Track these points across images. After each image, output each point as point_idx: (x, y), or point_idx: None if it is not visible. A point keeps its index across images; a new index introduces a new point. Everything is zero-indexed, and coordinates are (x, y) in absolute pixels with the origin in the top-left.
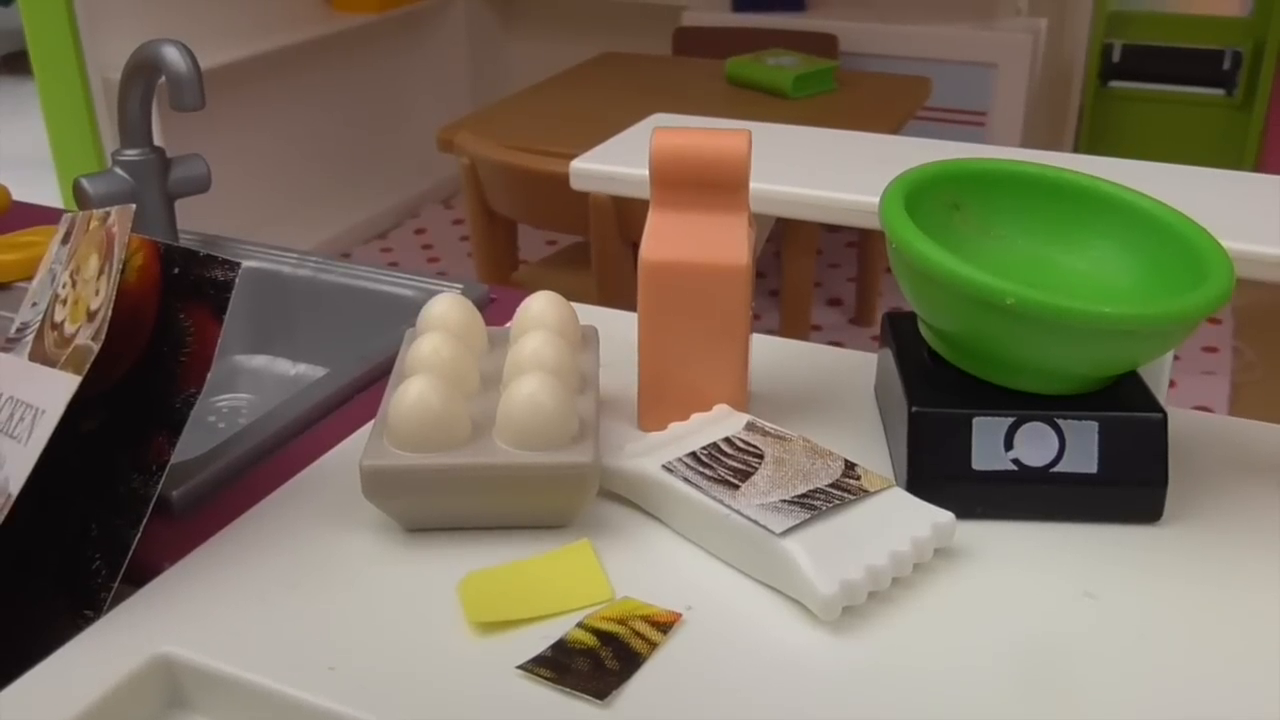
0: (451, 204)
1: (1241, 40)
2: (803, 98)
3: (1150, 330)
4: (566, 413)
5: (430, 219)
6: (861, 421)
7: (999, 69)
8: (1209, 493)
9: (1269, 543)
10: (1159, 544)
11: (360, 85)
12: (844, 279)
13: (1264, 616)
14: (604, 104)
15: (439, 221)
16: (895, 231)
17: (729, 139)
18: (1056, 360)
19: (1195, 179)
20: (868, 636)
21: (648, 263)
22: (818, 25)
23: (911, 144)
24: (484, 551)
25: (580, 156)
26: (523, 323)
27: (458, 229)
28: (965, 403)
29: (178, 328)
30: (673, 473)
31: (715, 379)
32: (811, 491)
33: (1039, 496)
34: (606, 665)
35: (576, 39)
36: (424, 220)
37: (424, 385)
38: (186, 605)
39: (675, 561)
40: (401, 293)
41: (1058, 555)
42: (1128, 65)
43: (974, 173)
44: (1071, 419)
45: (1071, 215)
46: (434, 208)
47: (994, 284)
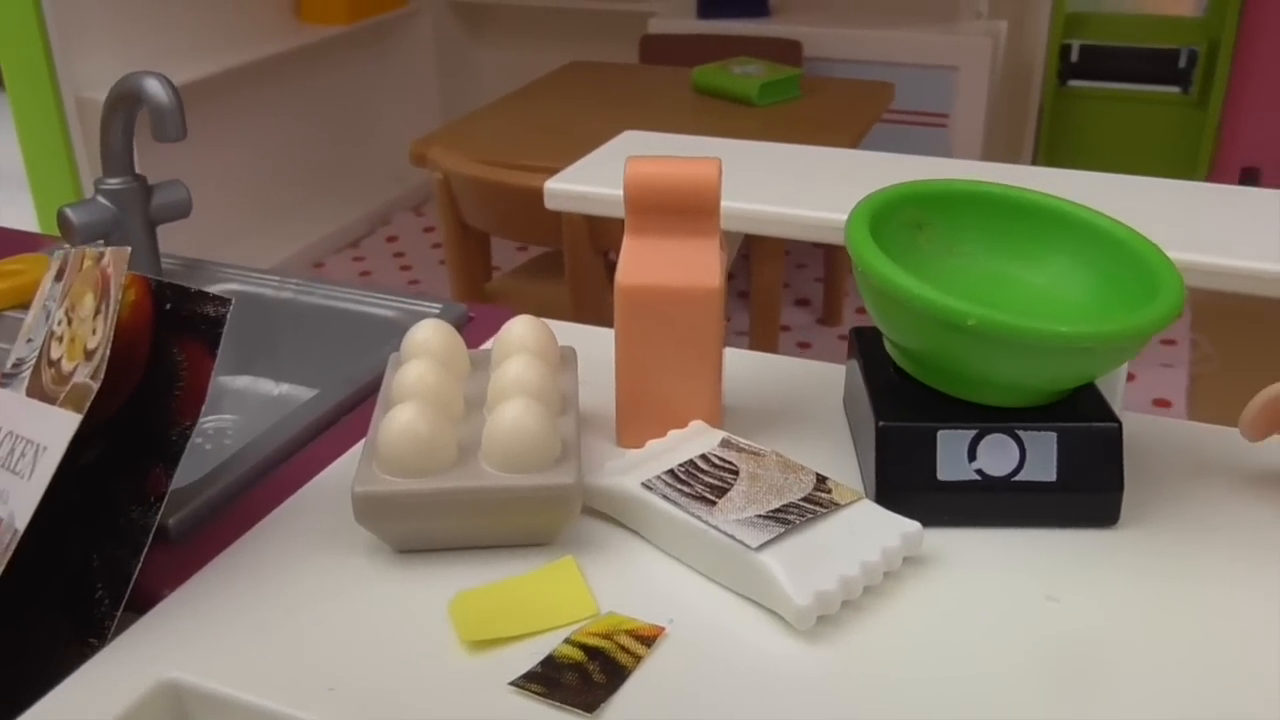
0: (423, 211)
1: (1196, 39)
2: (769, 105)
3: (1104, 347)
4: (549, 435)
5: (402, 226)
6: (831, 433)
7: (961, 71)
8: (1164, 495)
9: (1221, 542)
10: (1117, 547)
11: (329, 95)
12: (811, 279)
13: (1218, 614)
14: (573, 115)
15: (410, 229)
16: (861, 256)
17: (700, 167)
18: (1016, 375)
19: (1149, 190)
20: (842, 644)
21: (624, 287)
22: (782, 31)
23: (874, 158)
24: (472, 570)
25: (553, 177)
26: (504, 347)
27: (429, 236)
28: (930, 416)
29: (171, 362)
30: (652, 490)
31: (691, 396)
32: (785, 506)
33: (1002, 504)
34: (594, 679)
35: (543, 47)
36: (395, 228)
37: (411, 413)
38: (189, 631)
39: (656, 576)
40: (382, 313)
41: (1020, 560)
42: (1086, 65)
43: (936, 194)
44: (1031, 430)
45: (1031, 233)
46: (405, 215)
47: (956, 306)
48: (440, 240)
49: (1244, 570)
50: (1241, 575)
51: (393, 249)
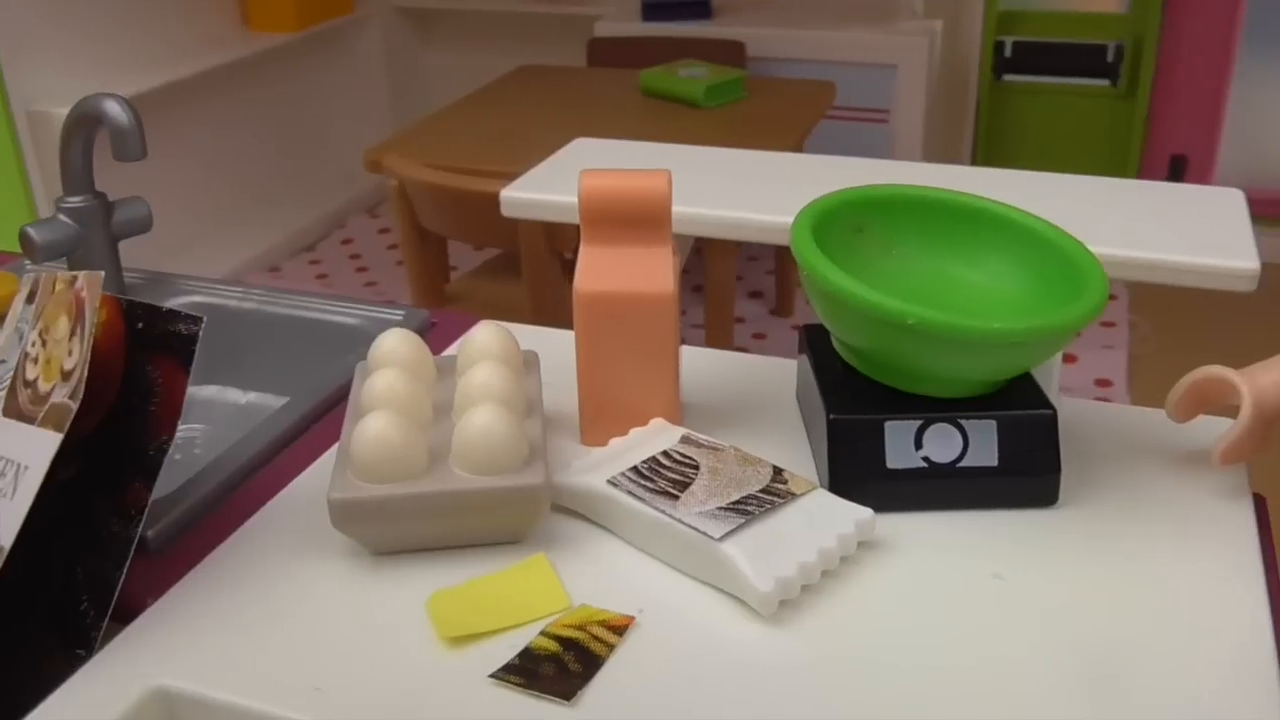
0: (378, 213)
1: (1123, 34)
2: (715, 107)
3: (1036, 342)
4: (517, 438)
5: (357, 229)
6: (785, 425)
7: (899, 69)
8: (1099, 476)
9: (1153, 519)
10: (1056, 526)
11: (280, 102)
12: (763, 271)
13: (1152, 585)
14: (524, 119)
15: (366, 231)
16: (806, 261)
17: (651, 179)
18: (956, 369)
19: (1081, 188)
20: (803, 626)
21: (582, 294)
22: (725, 32)
23: (816, 161)
24: (447, 570)
25: (508, 186)
26: (468, 353)
27: (385, 238)
28: (877, 409)
29: (145, 380)
30: (617, 487)
31: (650, 396)
32: (745, 497)
33: (947, 489)
34: (570, 668)
35: (492, 51)
36: (351, 231)
37: (383, 421)
38: (174, 639)
39: (625, 569)
40: (346, 321)
41: (967, 542)
42: (1019, 60)
43: (876, 198)
44: (973, 419)
45: (966, 234)
46: (360, 218)
47: (897, 306)
48: (396, 242)
49: (1174, 544)
50: (1172, 549)
51: (349, 251)
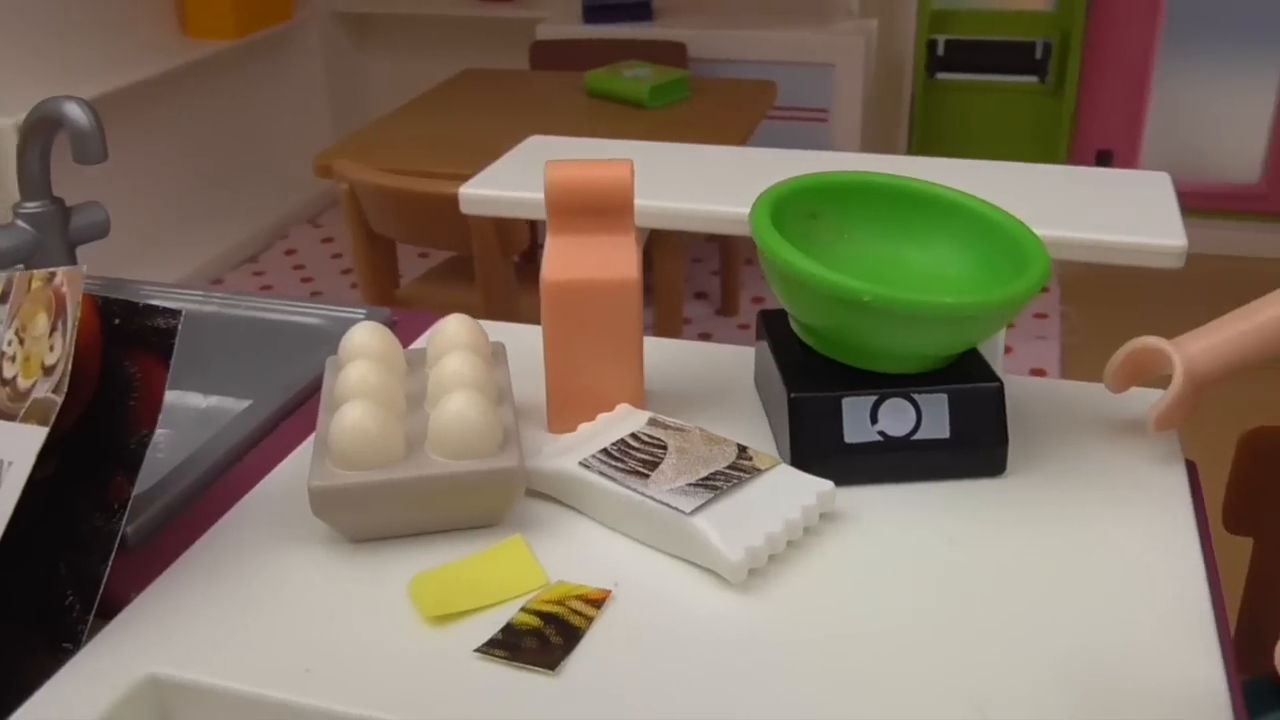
0: (319, 222)
1: (1050, 32)
2: (660, 107)
3: (984, 315)
4: (492, 424)
5: (300, 239)
6: (745, 409)
7: (837, 68)
8: (1044, 446)
9: (1094, 484)
10: (1005, 494)
11: (220, 110)
12: (708, 272)
13: (1095, 546)
14: (472, 122)
15: (308, 241)
16: (766, 243)
17: (614, 169)
18: (909, 344)
19: (1014, 173)
20: (771, 593)
21: (549, 283)
22: (666, 34)
23: (765, 154)
24: (425, 555)
25: (467, 183)
26: (439, 344)
27: (328, 247)
28: (835, 386)
29: (123, 375)
30: (589, 468)
31: (616, 382)
32: (712, 474)
33: (902, 462)
34: (551, 641)
35: (433, 56)
36: (293, 240)
37: (359, 410)
38: (162, 629)
39: (598, 547)
40: (308, 321)
41: (922, 510)
42: (951, 58)
43: (829, 185)
44: (925, 393)
45: (914, 218)
46: (302, 227)
47: (853, 284)
48: (340, 250)
49: (1114, 507)
50: (1112, 512)
51: (292, 261)
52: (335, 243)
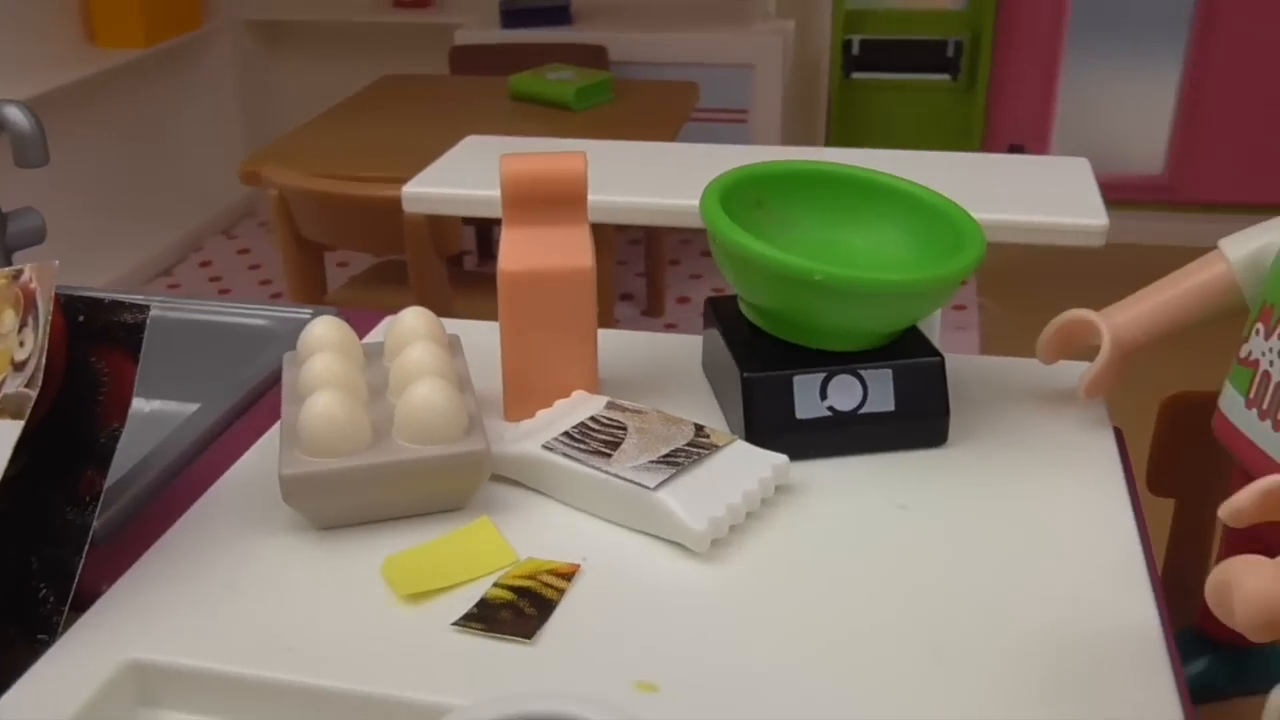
0: (234, 234)
1: (961, 30)
2: (585, 109)
3: (926, 291)
4: (457, 409)
5: (214, 251)
6: (695, 393)
7: (756, 68)
8: (983, 418)
9: (1031, 450)
10: (949, 462)
11: (129, 121)
12: (632, 274)
13: (1035, 507)
14: (398, 127)
15: (223, 252)
16: (718, 228)
17: (569, 160)
18: (855, 322)
19: (935, 162)
20: (734, 561)
21: (506, 273)
22: (586, 37)
23: (700, 150)
24: (393, 539)
25: (409, 183)
26: (398, 335)
27: (244, 258)
28: (785, 365)
29: (91, 371)
30: (553, 450)
31: (571, 369)
32: (672, 451)
33: (852, 435)
34: (526, 612)
35: (347, 62)
36: (208, 253)
37: (328, 398)
38: (140, 615)
39: (564, 526)
40: (254, 323)
41: (873, 479)
42: (866, 58)
43: (773, 174)
44: (871, 369)
45: (855, 203)
46: (216, 239)
47: (804, 264)
48: (257, 261)
49: (1050, 470)
50: (1048, 475)
51: (208, 274)
52: (252, 254)
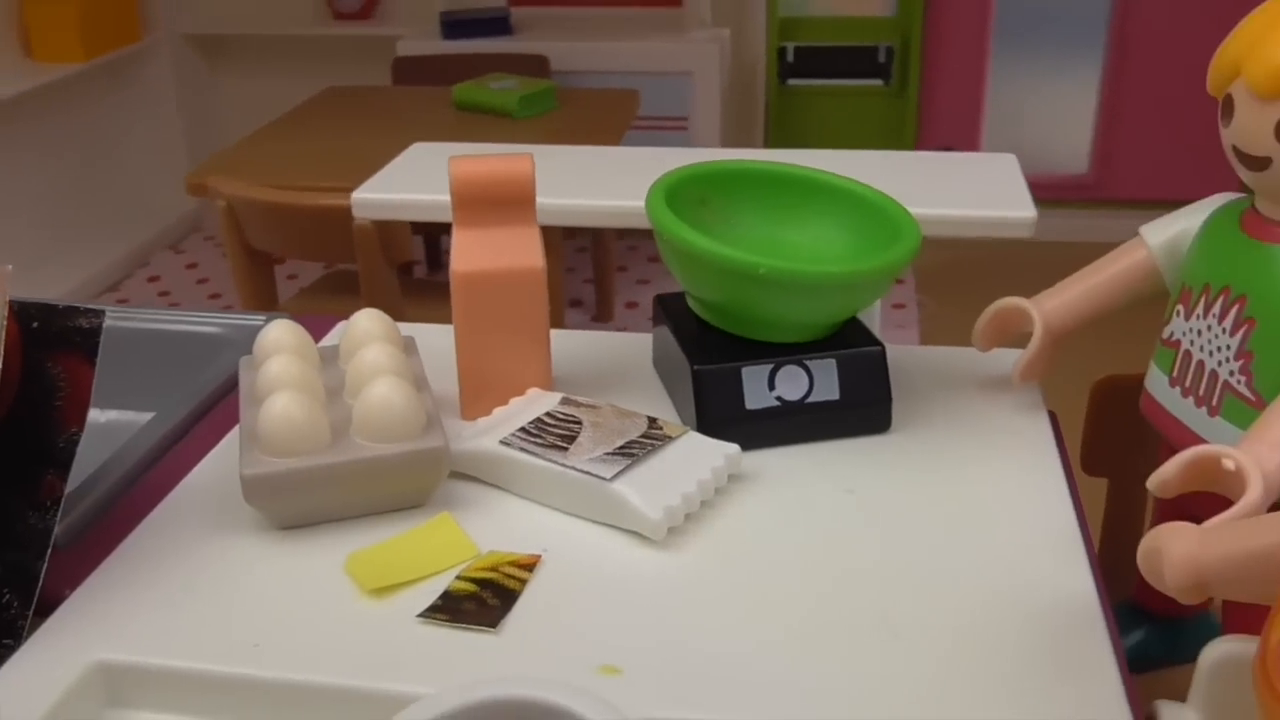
0: (181, 248)
1: (891, 36)
2: (529, 117)
3: (865, 281)
4: (415, 407)
5: (162, 266)
6: (646, 388)
7: (694, 76)
8: (924, 405)
9: (970, 434)
10: (893, 447)
11: (71, 136)
12: (580, 280)
13: (975, 488)
14: (343, 137)
15: (171, 267)
16: (664, 225)
17: (516, 162)
18: (799, 313)
19: (871, 160)
20: (690, 546)
21: (459, 274)
22: (527, 47)
23: (643, 153)
24: (354, 537)
25: (358, 189)
26: (353, 337)
27: (193, 273)
28: (734, 357)
29: (47, 377)
30: (510, 446)
31: (525, 367)
32: (627, 443)
33: (799, 423)
34: (489, 603)
35: (288, 75)
36: (156, 268)
37: (286, 399)
38: (105, 617)
39: (524, 520)
40: (207, 330)
41: (821, 466)
42: (801, 64)
43: (716, 173)
44: (816, 359)
45: (795, 200)
46: (164, 254)
47: (748, 258)
48: (206, 276)
49: (989, 453)
50: (988, 457)
51: (156, 289)
52: (200, 269)
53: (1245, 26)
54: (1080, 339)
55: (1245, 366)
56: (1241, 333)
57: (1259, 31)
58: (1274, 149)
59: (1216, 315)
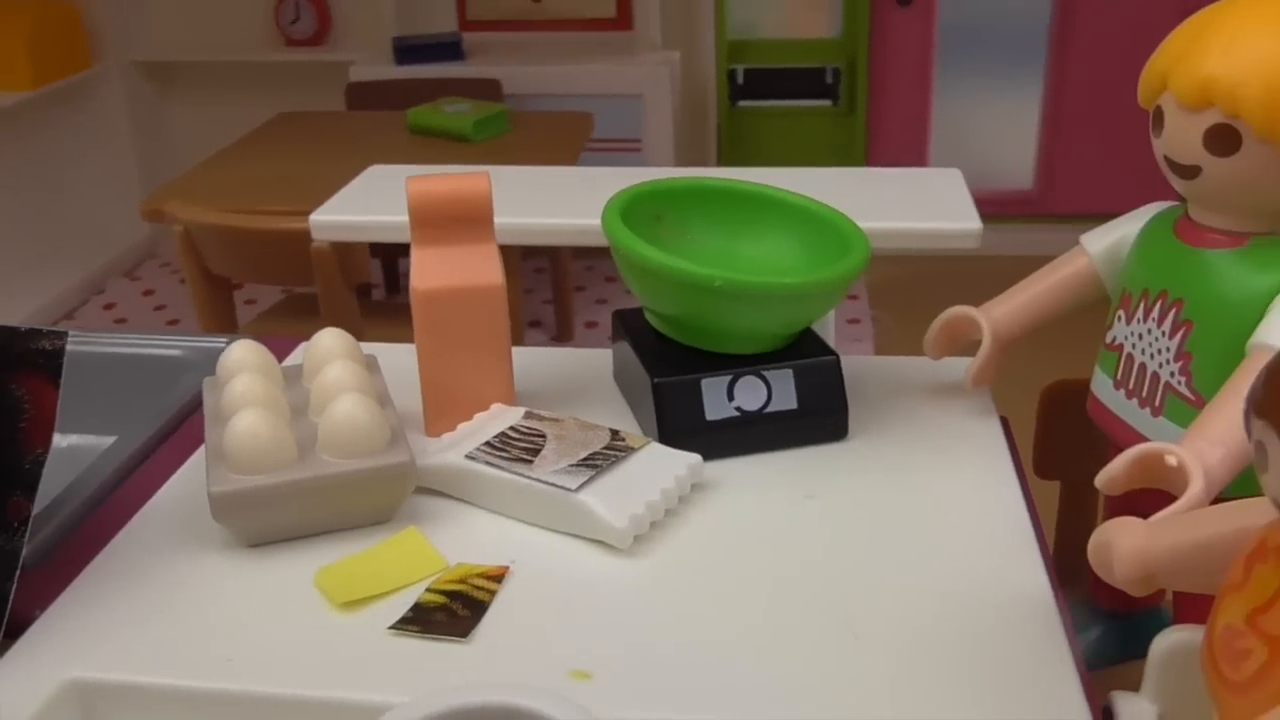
0: (137, 275)
1: (838, 58)
2: (484, 140)
3: (819, 292)
4: (380, 423)
5: (118, 292)
6: (608, 402)
7: (645, 98)
8: (878, 413)
9: (925, 439)
10: (851, 454)
11: (21, 164)
12: (540, 301)
13: (932, 490)
14: (298, 161)
15: (127, 294)
16: (621, 241)
17: (473, 181)
18: (755, 324)
19: (822, 177)
20: (656, 554)
21: (420, 292)
22: (480, 71)
23: (597, 172)
24: (322, 553)
25: (316, 211)
26: (316, 356)
27: (149, 299)
28: (694, 369)
29: (10, 398)
30: (475, 460)
31: (488, 383)
32: (591, 455)
33: (759, 433)
34: (459, 614)
35: (242, 102)
36: (111, 294)
37: (252, 416)
38: (77, 636)
39: (490, 532)
40: (168, 353)
41: (781, 473)
42: (751, 86)
43: (671, 189)
44: (773, 369)
45: (747, 216)
46: (119, 281)
47: (705, 271)
48: (163, 302)
49: (944, 457)
50: (943, 461)
51: (112, 315)
52: (157, 295)
53: (1171, 41)
54: (1027, 346)
55: (1185, 367)
56: (1180, 335)
57: (1184, 45)
58: (1203, 158)
59: (1156, 319)
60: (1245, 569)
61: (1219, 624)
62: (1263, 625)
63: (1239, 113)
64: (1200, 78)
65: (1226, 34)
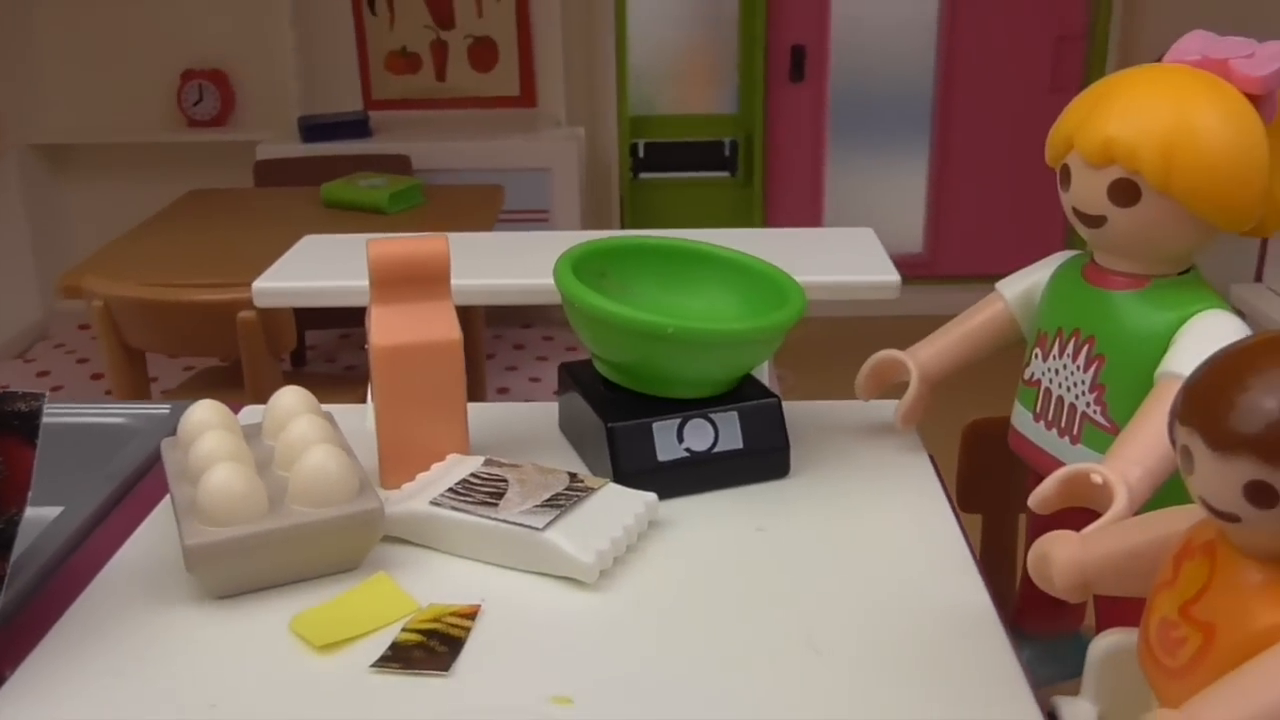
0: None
1: (735, 131)
2: (398, 212)
3: (763, 337)
4: (349, 473)
5: (9, 375)
6: (556, 450)
7: (552, 172)
8: (817, 452)
9: (861, 475)
10: (794, 489)
11: None
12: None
13: (870, 519)
14: (213, 237)
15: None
16: (573, 293)
17: (432, 242)
18: (702, 370)
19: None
20: (621, 588)
21: (379, 348)
22: (388, 148)
23: (530, 236)
24: (294, 601)
25: (258, 279)
26: (278, 413)
27: (44, 381)
28: (644, 414)
29: None
30: (441, 505)
31: (444, 434)
32: (553, 496)
33: (708, 472)
34: (437, 650)
35: (144, 182)
36: (5, 377)
37: (226, 470)
38: (56, 691)
39: (459, 575)
40: (110, 421)
41: (730, 510)
42: (651, 159)
43: (615, 248)
44: (720, 412)
45: (688, 270)
46: (12, 364)
47: (657, 319)
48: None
49: (879, 489)
50: (878, 492)
51: None
52: (52, 376)
53: (1074, 108)
54: (950, 387)
55: (1099, 398)
56: (1094, 369)
57: (1087, 109)
58: (1108, 208)
59: (1070, 355)
60: (1174, 567)
61: (1154, 619)
62: (1194, 614)
63: (1138, 168)
64: (1103, 138)
65: (1123, 101)
